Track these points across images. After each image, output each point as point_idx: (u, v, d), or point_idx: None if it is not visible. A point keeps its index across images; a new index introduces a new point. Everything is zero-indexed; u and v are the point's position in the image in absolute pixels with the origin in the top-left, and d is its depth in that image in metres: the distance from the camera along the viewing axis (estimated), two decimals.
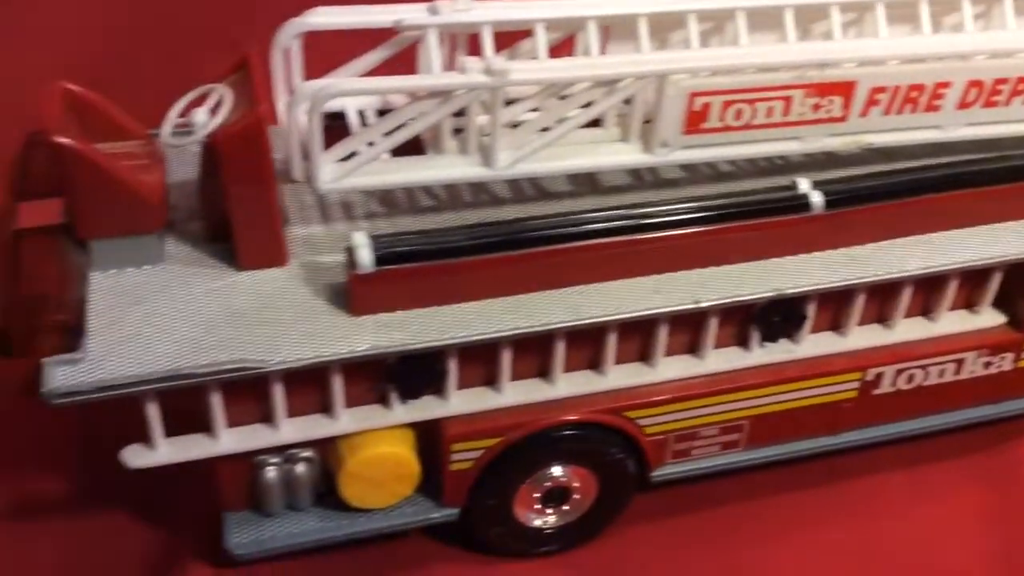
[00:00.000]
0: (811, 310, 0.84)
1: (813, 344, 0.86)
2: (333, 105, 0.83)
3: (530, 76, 0.75)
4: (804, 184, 0.82)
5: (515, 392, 0.80)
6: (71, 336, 0.70)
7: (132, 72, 1.35)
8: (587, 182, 0.89)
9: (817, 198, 0.80)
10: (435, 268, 0.74)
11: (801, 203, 0.80)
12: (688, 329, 0.83)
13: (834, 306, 0.86)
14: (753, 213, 0.79)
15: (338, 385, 0.75)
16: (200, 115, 0.75)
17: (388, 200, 0.87)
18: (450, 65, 0.83)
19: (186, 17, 1.57)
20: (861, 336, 0.87)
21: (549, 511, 0.87)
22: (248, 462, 0.78)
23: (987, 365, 0.91)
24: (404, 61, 0.86)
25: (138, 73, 1.33)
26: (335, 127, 0.84)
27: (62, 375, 0.68)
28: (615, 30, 0.86)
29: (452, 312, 0.75)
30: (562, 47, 0.87)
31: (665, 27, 0.87)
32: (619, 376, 0.82)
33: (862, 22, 0.90)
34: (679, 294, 0.78)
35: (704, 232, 0.79)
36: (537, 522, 0.87)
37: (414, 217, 0.85)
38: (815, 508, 0.94)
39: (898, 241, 0.84)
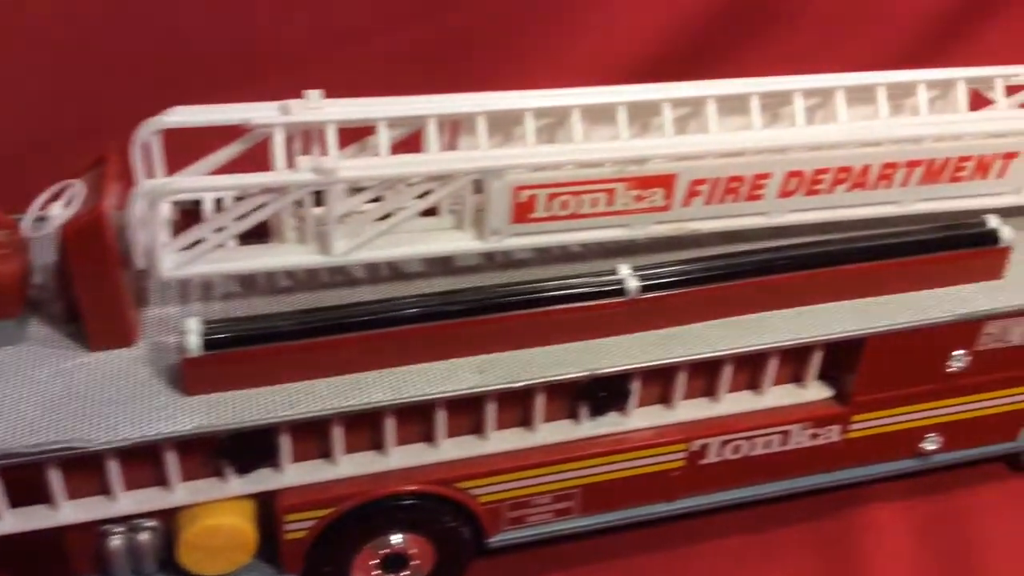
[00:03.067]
0: (635, 386, 0.90)
1: (641, 417, 0.92)
2: (189, 195, 0.90)
3: (356, 174, 0.81)
4: (624, 270, 0.88)
5: (350, 464, 0.85)
6: None
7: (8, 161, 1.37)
8: (440, 263, 0.95)
9: (633, 283, 0.86)
10: (262, 351, 0.79)
11: (617, 288, 0.86)
12: (516, 404, 0.88)
13: (660, 382, 0.91)
14: (573, 298, 0.85)
15: (172, 461, 0.80)
16: (56, 208, 0.82)
17: (247, 281, 0.93)
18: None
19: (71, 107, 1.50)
20: (688, 409, 0.93)
21: None
22: (94, 531, 0.83)
23: (814, 436, 0.97)
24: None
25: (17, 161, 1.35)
26: (195, 211, 0.91)
27: None
28: (463, 124, 0.93)
29: (280, 392, 0.80)
30: (411, 140, 0.94)
31: (509, 121, 0.93)
32: (452, 449, 0.87)
33: (700, 115, 0.96)
34: (501, 373, 0.84)
35: (526, 315, 0.84)
36: None
37: (271, 297, 0.91)
38: (660, 570, 0.99)
39: (716, 322, 0.90)
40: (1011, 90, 1.07)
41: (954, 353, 0.94)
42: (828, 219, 0.96)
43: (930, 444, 1.00)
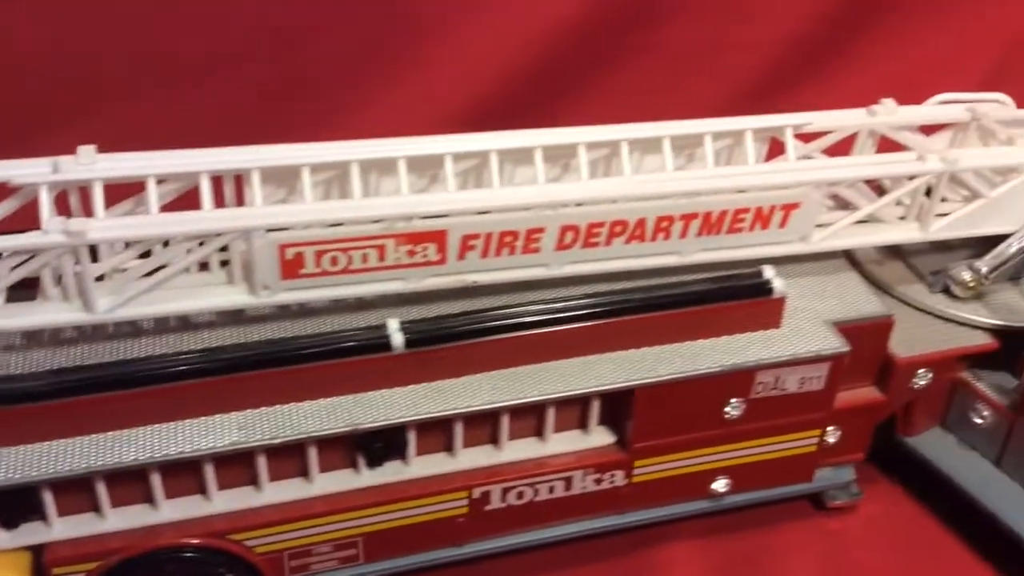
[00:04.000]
0: (412, 436, 0.92)
1: (422, 465, 0.94)
2: None
3: (108, 235, 0.82)
4: (392, 325, 0.90)
5: (119, 518, 0.86)
6: None
7: None
8: (231, 315, 0.96)
9: (398, 339, 0.88)
10: (15, 412, 0.81)
11: (383, 343, 0.88)
12: (292, 456, 0.90)
13: (440, 431, 0.93)
14: (335, 354, 0.87)
15: None
16: None
17: (31, 333, 0.93)
18: (82, 211, 0.91)
19: None
20: (470, 457, 0.95)
21: None
22: None
23: (598, 482, 0.99)
24: None
25: None
26: None
27: None
28: (246, 178, 0.93)
29: (43, 448, 0.82)
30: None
31: (293, 175, 0.93)
32: (225, 501, 0.89)
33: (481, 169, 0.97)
34: (266, 428, 0.85)
35: (288, 372, 0.86)
36: None
37: (51, 349, 0.91)
38: None
39: (495, 373, 0.91)
40: (811, 137, 1.11)
41: (730, 401, 0.97)
42: (609, 270, 0.98)
43: (720, 487, 1.03)
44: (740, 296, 0.96)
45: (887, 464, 1.16)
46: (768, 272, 0.98)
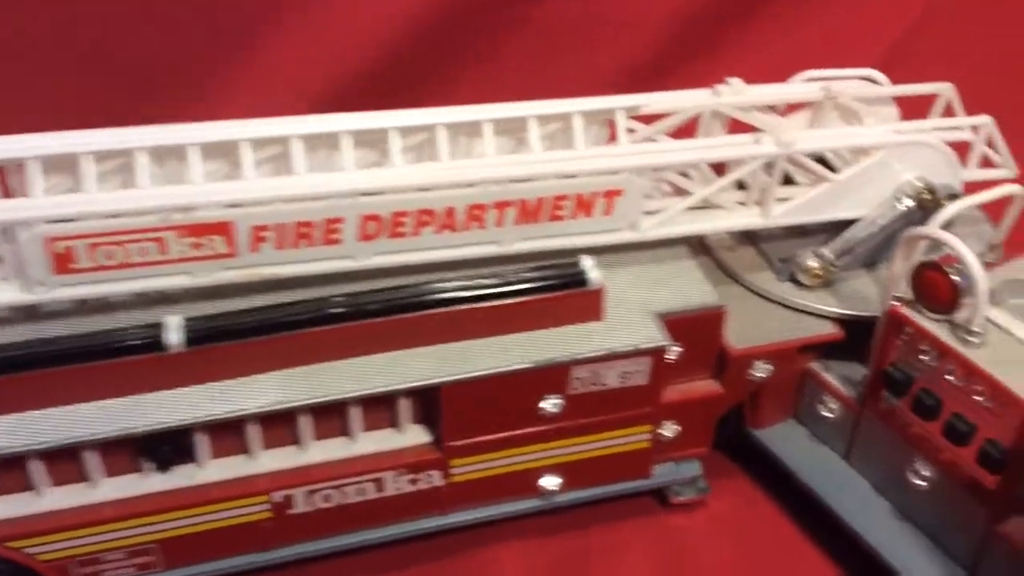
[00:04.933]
0: (202, 439, 0.88)
1: (219, 469, 0.89)
2: None
3: None
4: (172, 322, 0.85)
5: None
6: None
7: None
8: (25, 311, 0.89)
9: (175, 338, 0.83)
10: None
11: (157, 343, 0.83)
12: (69, 461, 0.85)
13: (235, 433, 0.89)
14: (105, 353, 0.82)
15: None
16: None
17: None
18: None
19: None
20: (272, 460, 0.90)
21: None
22: None
23: (414, 482, 0.95)
24: None
25: None
26: None
27: None
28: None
29: None
30: None
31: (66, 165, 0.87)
32: (3, 507, 0.84)
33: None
34: (32, 431, 0.81)
35: (54, 373, 0.81)
36: None
37: None
38: None
39: (296, 370, 0.86)
40: (652, 119, 1.06)
41: (546, 397, 0.92)
42: (421, 261, 0.93)
43: (550, 484, 0.99)
44: (554, 288, 0.91)
45: (741, 457, 1.12)
46: (585, 262, 0.93)
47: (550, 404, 0.92)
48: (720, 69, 1.48)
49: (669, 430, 1.01)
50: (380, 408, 0.92)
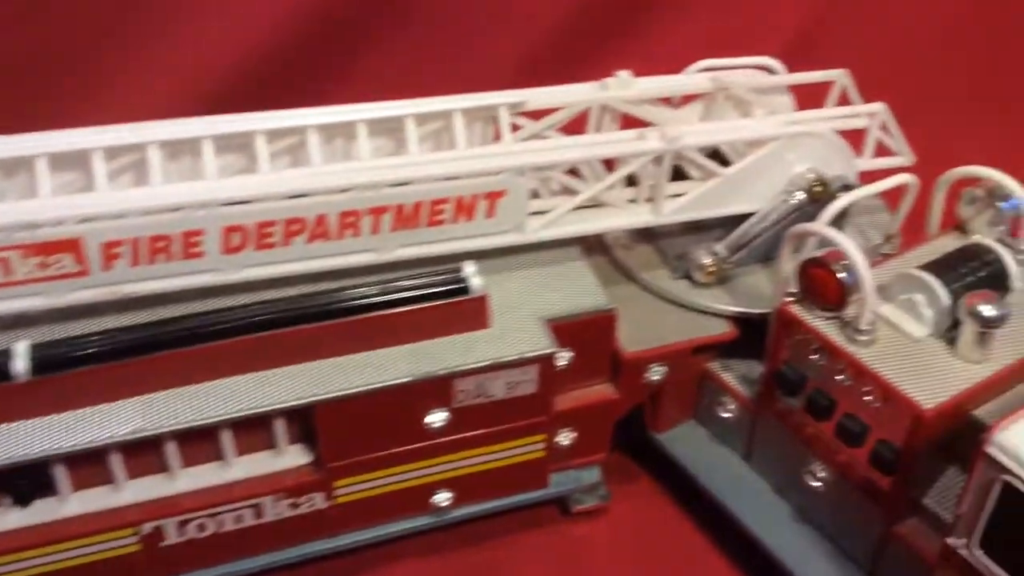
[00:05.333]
0: (61, 472, 0.82)
1: (81, 502, 0.83)
2: None
3: None
4: (19, 349, 0.78)
5: None
6: None
7: None
8: None
9: (21, 366, 0.77)
10: None
11: (2, 371, 0.78)
12: None
13: (98, 464, 0.83)
14: None
15: None
16: None
17: None
18: None
19: None
20: (137, 490, 0.84)
21: None
22: None
23: (295, 506, 0.90)
24: None
25: None
26: None
27: None
28: None
29: None
30: None
31: None
32: None
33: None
34: None
35: None
36: None
37: None
38: None
39: (161, 394, 0.81)
40: (540, 114, 1.02)
41: (431, 411, 0.88)
42: (294, 272, 0.88)
43: (442, 500, 0.95)
44: (433, 297, 0.87)
45: (645, 459, 1.09)
46: (467, 269, 0.89)
47: (435, 418, 0.88)
48: (624, 59, 1.45)
49: (565, 438, 0.98)
50: (255, 430, 0.87)
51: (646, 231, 1.06)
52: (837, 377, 0.86)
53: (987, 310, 0.81)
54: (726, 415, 1.01)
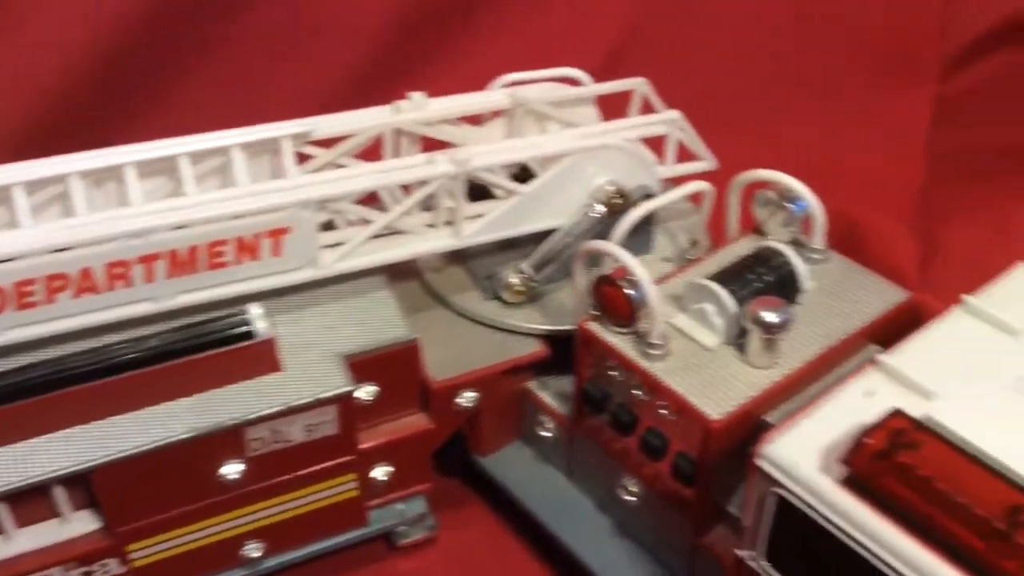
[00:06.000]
0: None
1: None
2: None
3: None
4: None
5: None
6: None
7: None
8: None
9: None
10: None
11: None
12: None
13: None
14: None
15: None
16: None
17: None
18: None
19: None
20: None
21: None
22: None
23: (88, 575, 0.85)
24: None
25: None
26: None
27: None
28: None
29: None
30: None
31: None
32: None
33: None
34: None
35: None
36: None
37: None
38: None
39: None
40: (332, 143, 0.99)
41: (224, 462, 0.84)
42: (69, 328, 0.82)
43: (253, 552, 0.91)
44: (215, 344, 0.83)
45: (474, 483, 1.06)
46: (253, 311, 0.85)
47: (230, 470, 0.84)
48: (439, 79, 1.44)
49: (382, 472, 0.95)
50: (35, 500, 0.82)
51: (457, 252, 1.05)
52: (635, 392, 0.85)
53: (770, 316, 0.81)
54: (545, 434, 0.99)
